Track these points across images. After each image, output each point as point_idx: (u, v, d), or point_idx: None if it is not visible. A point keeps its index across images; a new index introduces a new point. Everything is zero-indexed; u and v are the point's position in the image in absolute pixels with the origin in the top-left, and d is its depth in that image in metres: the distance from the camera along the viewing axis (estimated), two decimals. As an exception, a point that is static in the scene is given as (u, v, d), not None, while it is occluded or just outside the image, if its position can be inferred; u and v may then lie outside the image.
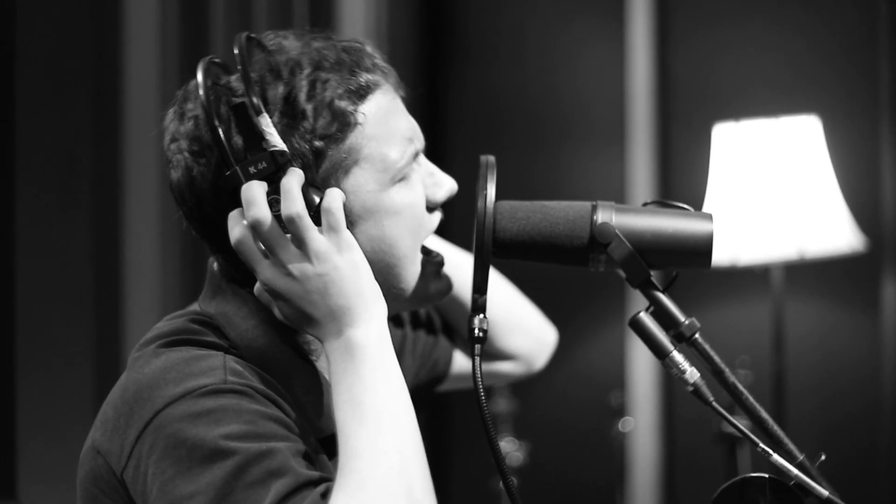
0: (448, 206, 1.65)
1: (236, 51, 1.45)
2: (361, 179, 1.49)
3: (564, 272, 1.59)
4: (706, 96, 4.01)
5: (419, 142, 1.58)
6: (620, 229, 1.47)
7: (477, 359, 1.47)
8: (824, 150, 3.50)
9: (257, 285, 1.48)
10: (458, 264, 1.86)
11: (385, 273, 1.53)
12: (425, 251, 1.61)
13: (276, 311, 1.49)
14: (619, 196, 4.03)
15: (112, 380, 1.51)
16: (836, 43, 3.85)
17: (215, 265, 1.58)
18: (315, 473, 1.35)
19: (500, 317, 1.98)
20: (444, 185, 1.61)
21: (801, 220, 3.40)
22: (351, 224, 1.48)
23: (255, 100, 1.42)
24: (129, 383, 1.45)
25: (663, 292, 1.49)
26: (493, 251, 1.49)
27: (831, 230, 3.43)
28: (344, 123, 1.47)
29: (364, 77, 1.51)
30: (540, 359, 2.11)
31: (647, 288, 1.48)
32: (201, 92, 1.43)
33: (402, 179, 1.53)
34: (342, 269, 1.42)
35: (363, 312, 1.42)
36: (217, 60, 1.50)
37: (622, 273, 1.49)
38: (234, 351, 1.48)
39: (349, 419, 1.37)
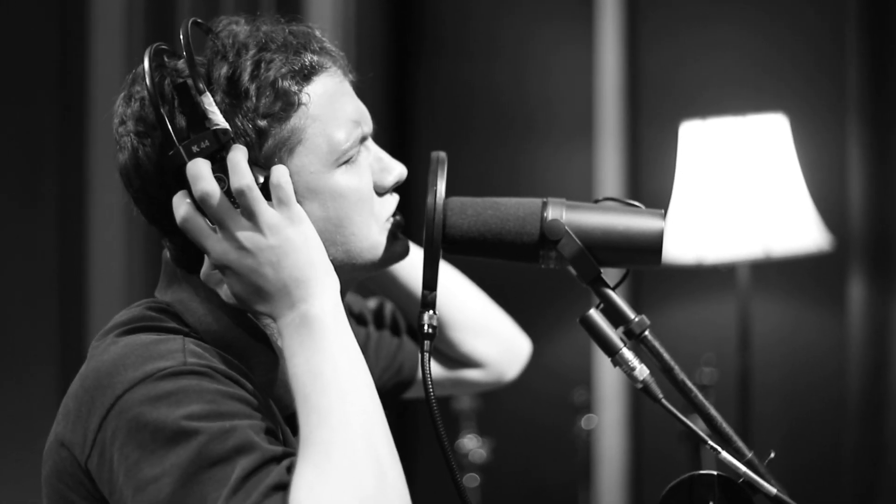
0: (408, 202, 1.65)
1: (182, 32, 1.45)
2: (305, 160, 1.50)
3: (527, 269, 1.59)
4: (674, 94, 4.02)
5: (367, 126, 1.58)
6: (570, 226, 1.47)
7: (426, 355, 1.47)
8: (791, 148, 3.50)
9: (204, 268, 1.49)
10: (415, 263, 1.86)
11: (335, 250, 1.53)
12: None
13: (224, 293, 1.49)
14: (586, 193, 4.03)
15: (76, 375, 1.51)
16: (803, 42, 3.85)
17: (168, 254, 1.58)
18: (279, 448, 1.35)
19: (468, 319, 1.97)
20: (393, 171, 1.61)
21: (768, 219, 3.41)
22: (297, 202, 1.48)
23: (198, 80, 1.43)
24: (88, 372, 1.44)
25: (613, 289, 1.49)
26: (443, 247, 1.49)
27: (798, 229, 3.44)
28: (287, 103, 1.48)
29: (310, 58, 1.51)
30: (511, 369, 2.09)
31: (597, 285, 1.48)
32: (146, 69, 1.44)
33: (347, 162, 1.53)
34: (294, 240, 1.42)
35: (316, 285, 1.42)
36: (164, 47, 1.51)
37: (572, 270, 1.49)
38: (193, 335, 1.48)
39: (310, 391, 1.36)
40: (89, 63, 3.16)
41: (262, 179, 1.44)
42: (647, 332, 1.46)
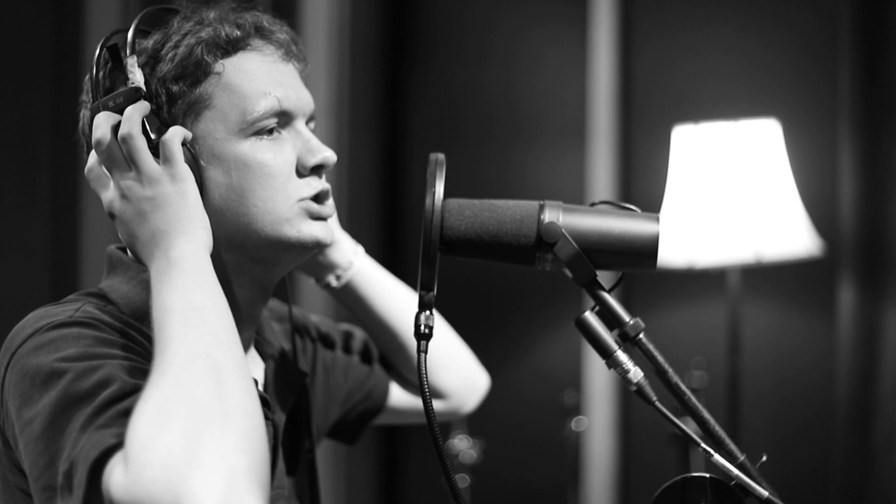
0: (402, 205, 1.66)
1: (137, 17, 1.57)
2: (211, 125, 1.56)
3: (521, 271, 1.60)
4: (667, 98, 4.03)
5: (291, 104, 1.61)
6: (567, 229, 1.48)
7: (423, 356, 1.47)
8: (783, 153, 3.51)
9: None
10: (394, 292, 1.88)
11: (236, 219, 1.57)
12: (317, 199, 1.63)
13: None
14: (579, 196, 4.04)
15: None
16: (796, 47, 3.87)
17: (114, 247, 1.64)
18: (141, 382, 1.34)
19: (436, 351, 1.98)
20: (317, 154, 1.62)
21: (759, 224, 3.42)
22: (201, 168, 1.55)
23: (127, 46, 1.53)
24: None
25: (609, 292, 1.49)
26: (440, 249, 1.49)
27: (789, 234, 3.45)
28: (199, 70, 1.55)
29: (234, 33, 1.58)
30: (469, 402, 2.14)
31: (592, 288, 1.49)
32: (100, 43, 1.56)
33: (258, 134, 1.57)
34: (170, 195, 1.47)
35: (183, 236, 1.46)
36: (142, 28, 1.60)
37: (568, 273, 1.49)
38: (105, 307, 1.52)
39: (163, 325, 1.36)
40: (83, 59, 3.16)
41: (154, 137, 1.51)
42: (641, 335, 1.47)
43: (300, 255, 1.65)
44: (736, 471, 1.43)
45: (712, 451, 1.44)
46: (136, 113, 1.49)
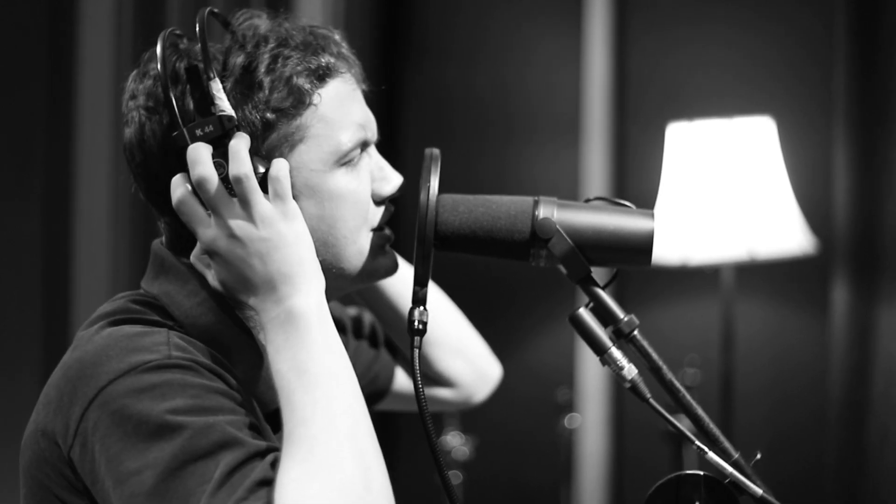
0: (397, 199, 1.65)
1: (198, 18, 1.47)
2: (306, 157, 1.51)
3: (514, 268, 1.59)
4: (661, 95, 4.02)
5: (372, 134, 1.60)
6: (562, 225, 1.47)
7: (416, 351, 1.47)
8: (778, 151, 3.51)
9: (195, 250, 1.49)
10: (404, 278, 1.88)
11: (324, 251, 1.54)
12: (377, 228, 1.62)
13: (211, 279, 1.49)
14: (573, 193, 4.04)
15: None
16: (791, 45, 3.86)
17: (159, 242, 1.59)
18: (263, 443, 1.34)
19: (443, 338, 1.98)
20: (392, 181, 1.62)
21: (753, 221, 3.41)
22: (293, 199, 1.48)
23: (210, 65, 1.44)
24: (71, 362, 1.43)
25: (603, 289, 1.49)
26: (435, 244, 1.49)
27: (782, 232, 3.45)
28: (299, 101, 1.49)
29: (327, 60, 1.53)
30: (480, 391, 2.11)
31: (586, 284, 1.49)
32: (159, 51, 1.46)
33: (347, 164, 1.54)
34: (286, 236, 1.43)
35: (303, 282, 1.43)
36: (179, 32, 1.53)
37: (562, 269, 1.49)
38: (178, 328, 1.48)
39: (295, 388, 1.36)
40: (77, 56, 3.15)
41: (261, 171, 1.44)
42: (636, 332, 1.47)
43: (369, 283, 1.67)
44: (730, 469, 1.42)
45: (706, 449, 1.43)
46: (243, 149, 1.43)
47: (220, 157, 1.43)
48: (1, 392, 2.95)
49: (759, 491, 1.41)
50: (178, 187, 1.45)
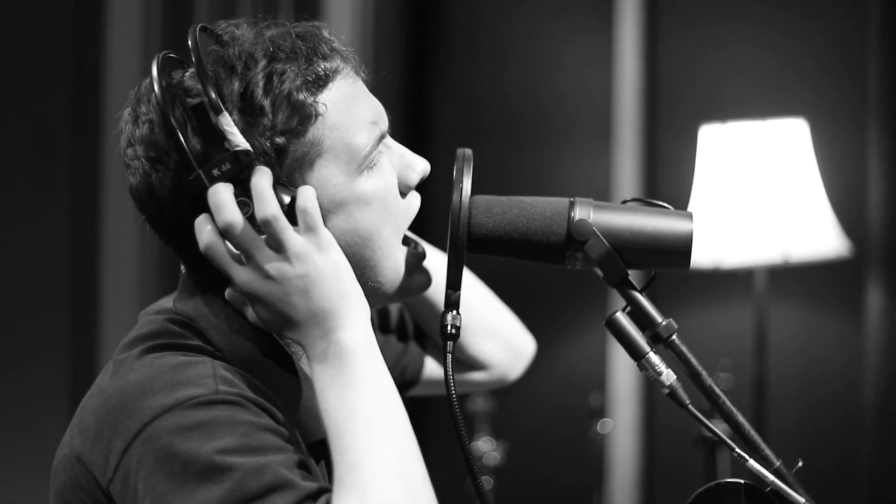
0: (427, 202, 1.62)
1: (190, 44, 1.38)
2: (327, 172, 1.44)
3: (545, 271, 1.56)
4: (693, 97, 4.00)
5: (384, 123, 1.52)
6: (598, 227, 1.44)
7: (449, 356, 1.44)
8: (811, 153, 3.48)
9: (228, 290, 1.44)
10: (432, 264, 1.83)
11: (363, 267, 1.48)
12: (405, 241, 1.57)
13: (250, 315, 1.44)
14: (603, 195, 4.01)
15: (87, 375, 1.47)
16: (824, 46, 3.83)
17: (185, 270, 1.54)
18: (314, 485, 1.31)
19: (474, 321, 1.92)
20: (417, 168, 1.55)
21: (786, 224, 3.39)
22: (324, 226, 1.42)
23: (213, 98, 1.36)
24: (112, 391, 1.39)
25: (641, 292, 1.46)
26: (468, 246, 1.46)
27: (816, 234, 3.42)
28: (304, 116, 1.41)
29: (322, 65, 1.45)
30: (515, 370, 2.06)
31: (624, 287, 1.45)
32: (156, 91, 1.38)
33: (370, 167, 1.48)
34: (323, 268, 1.37)
35: (347, 314, 1.38)
36: (172, 56, 1.45)
37: (599, 272, 1.46)
38: (219, 355, 1.43)
39: (344, 429, 1.33)
40: (104, 54, 3.14)
41: (286, 201, 1.38)
42: (674, 337, 1.44)
43: (404, 299, 1.64)
44: (772, 477, 1.39)
45: (747, 457, 1.40)
46: (266, 187, 1.36)
47: (242, 194, 1.36)
48: (28, 392, 2.95)
49: (802, 500, 1.39)
50: (203, 231, 1.37)
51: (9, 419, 2.91)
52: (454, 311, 1.45)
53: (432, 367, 1.98)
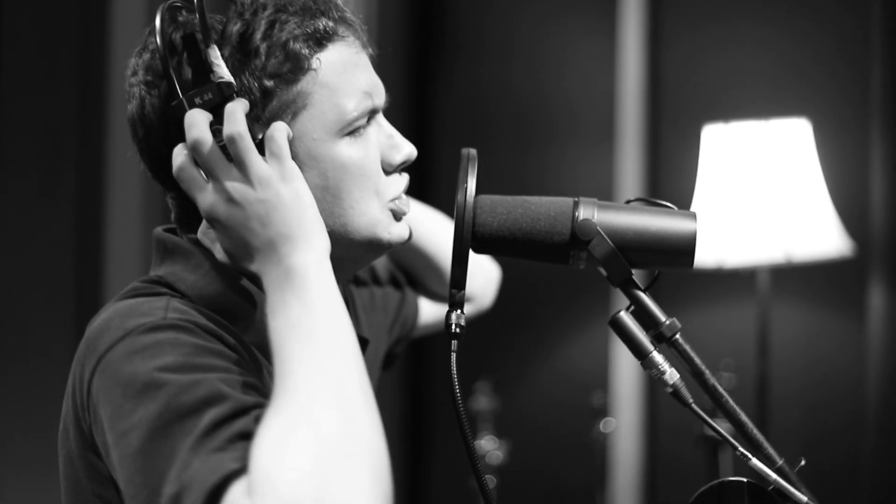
0: (431, 201, 1.63)
1: None
2: (310, 125, 1.48)
3: (548, 271, 1.57)
4: (696, 97, 4.00)
5: (379, 100, 1.56)
6: (602, 226, 1.44)
7: (453, 355, 1.44)
8: (814, 153, 3.48)
9: (201, 226, 1.47)
10: (426, 215, 1.85)
11: (332, 221, 1.51)
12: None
13: (218, 253, 1.47)
14: (607, 195, 4.02)
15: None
16: (828, 46, 3.84)
17: (160, 230, 1.58)
18: (251, 399, 1.30)
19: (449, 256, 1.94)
20: (403, 150, 1.58)
21: (789, 224, 3.39)
22: (291, 160, 1.45)
23: (206, 30, 1.42)
24: (81, 344, 1.43)
25: (644, 291, 1.46)
26: (472, 246, 1.46)
27: (819, 234, 3.42)
28: (297, 66, 1.47)
29: (325, 24, 1.50)
30: (488, 296, 2.15)
31: (627, 287, 1.46)
32: (157, 22, 1.43)
33: (353, 133, 1.51)
34: (284, 196, 1.39)
35: (303, 242, 1.38)
36: (179, 4, 1.50)
37: (603, 271, 1.46)
38: (182, 298, 1.47)
39: (285, 341, 1.31)
40: (109, 53, 3.15)
41: (259, 136, 1.41)
42: (678, 336, 1.44)
43: (384, 253, 1.63)
44: (774, 475, 1.40)
45: (750, 455, 1.41)
46: (238, 110, 1.39)
47: (219, 123, 1.40)
48: (32, 392, 2.95)
49: (804, 499, 1.39)
50: (178, 156, 1.41)
51: (12, 419, 2.91)
52: (458, 311, 1.45)
53: (427, 309, 2.07)
